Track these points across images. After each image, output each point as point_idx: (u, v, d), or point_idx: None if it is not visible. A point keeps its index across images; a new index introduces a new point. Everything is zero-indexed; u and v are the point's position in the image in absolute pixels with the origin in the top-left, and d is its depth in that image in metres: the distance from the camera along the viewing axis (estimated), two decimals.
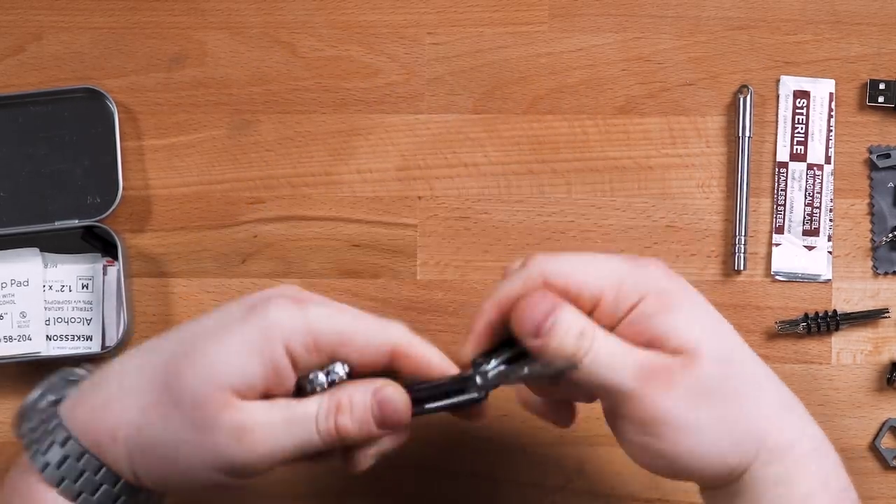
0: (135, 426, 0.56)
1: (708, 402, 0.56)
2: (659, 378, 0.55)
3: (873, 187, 0.73)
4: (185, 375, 0.55)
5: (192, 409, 0.55)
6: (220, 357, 0.55)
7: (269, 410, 0.55)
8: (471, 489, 0.72)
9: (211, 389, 0.54)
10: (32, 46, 0.73)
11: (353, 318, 0.57)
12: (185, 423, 0.55)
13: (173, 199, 0.73)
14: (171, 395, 0.55)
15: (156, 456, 0.56)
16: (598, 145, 0.73)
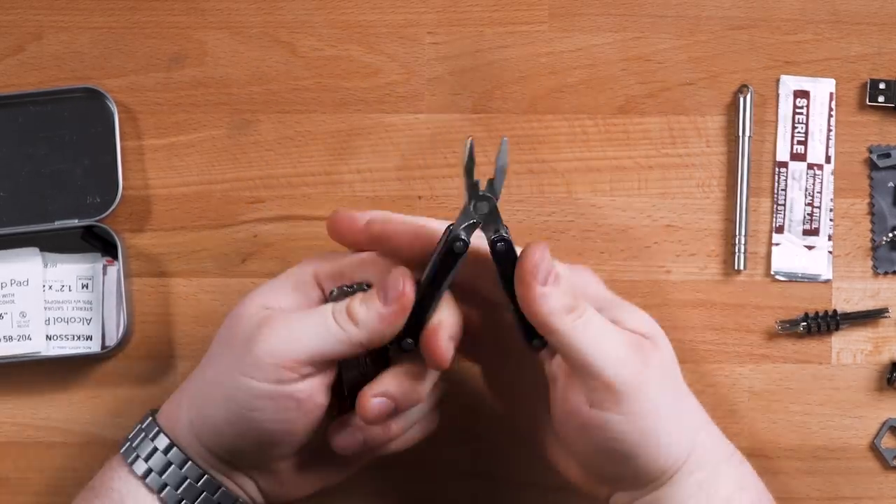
0: (190, 384, 0.61)
1: (666, 389, 0.58)
2: (639, 351, 0.57)
3: (873, 187, 0.73)
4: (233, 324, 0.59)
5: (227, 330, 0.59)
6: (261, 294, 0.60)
7: (288, 311, 0.59)
8: (471, 489, 0.72)
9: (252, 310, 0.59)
10: (32, 46, 0.73)
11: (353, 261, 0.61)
12: (221, 348, 0.59)
13: (173, 198, 0.73)
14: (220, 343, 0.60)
15: (200, 390, 0.60)
16: (598, 145, 0.73)
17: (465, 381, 0.72)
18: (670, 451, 0.58)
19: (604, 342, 0.57)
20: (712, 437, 0.60)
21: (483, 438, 0.72)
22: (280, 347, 0.57)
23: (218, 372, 0.59)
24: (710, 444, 0.60)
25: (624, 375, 0.56)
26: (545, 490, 0.72)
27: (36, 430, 0.72)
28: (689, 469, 0.58)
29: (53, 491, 0.72)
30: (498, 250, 0.58)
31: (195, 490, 0.60)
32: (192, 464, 0.60)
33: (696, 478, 0.58)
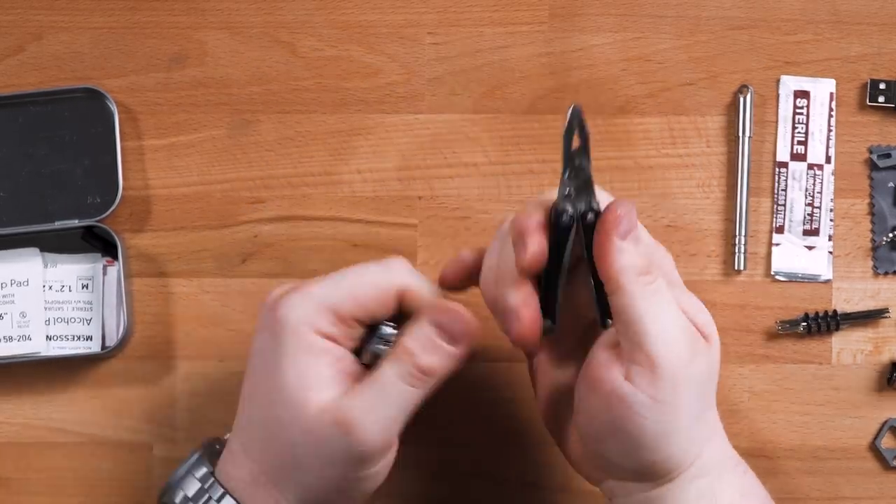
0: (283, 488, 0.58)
1: (701, 391, 0.57)
2: (693, 344, 0.56)
3: (873, 187, 0.73)
4: (280, 415, 0.57)
5: (301, 434, 0.57)
6: (286, 380, 0.57)
7: (358, 393, 0.57)
8: (471, 489, 0.72)
9: (306, 412, 0.57)
10: (32, 46, 0.73)
11: (354, 276, 0.59)
12: (304, 450, 0.57)
13: (173, 199, 0.73)
14: (282, 437, 0.58)
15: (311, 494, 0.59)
16: (598, 145, 0.73)
17: (465, 381, 0.72)
18: (679, 453, 0.57)
19: (665, 319, 0.55)
20: (720, 447, 0.60)
21: (483, 438, 0.72)
22: (380, 437, 0.58)
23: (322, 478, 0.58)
24: (717, 453, 0.59)
25: (670, 360, 0.55)
26: (545, 490, 0.72)
27: (36, 430, 0.72)
28: (691, 475, 0.58)
29: (53, 491, 0.72)
30: (588, 222, 0.56)
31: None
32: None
33: (697, 486, 0.58)
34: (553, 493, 0.72)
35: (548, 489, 0.72)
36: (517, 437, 0.72)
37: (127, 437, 0.72)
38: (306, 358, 0.57)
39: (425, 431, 0.72)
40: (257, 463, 0.59)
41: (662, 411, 0.55)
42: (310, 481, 0.58)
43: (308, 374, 0.57)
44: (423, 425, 0.71)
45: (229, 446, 0.61)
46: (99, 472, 0.72)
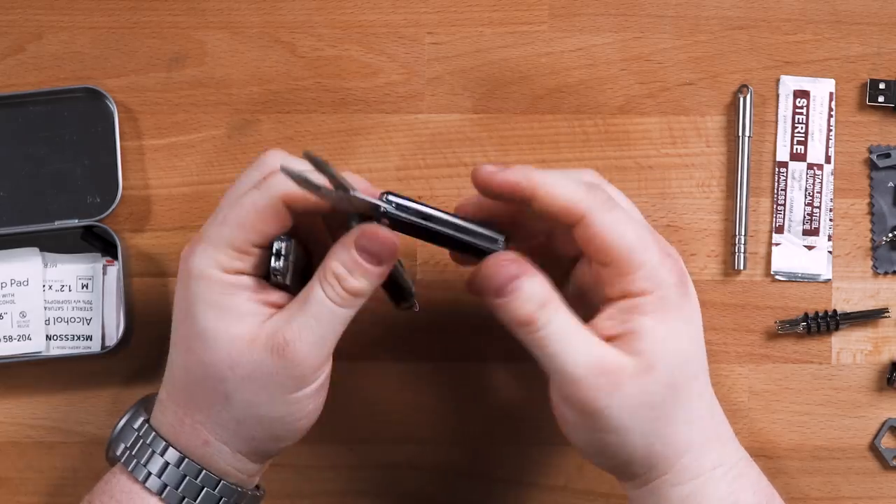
0: (210, 425, 0.60)
1: (643, 414, 0.57)
2: (607, 376, 0.57)
3: (873, 187, 0.73)
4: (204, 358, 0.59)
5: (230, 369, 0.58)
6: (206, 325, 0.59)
7: (281, 316, 0.58)
8: (471, 489, 0.72)
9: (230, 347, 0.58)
10: (32, 46, 0.73)
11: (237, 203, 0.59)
12: (238, 386, 0.58)
13: (173, 198, 0.73)
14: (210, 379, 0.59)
15: (241, 428, 0.59)
16: (598, 145, 0.73)
17: (465, 381, 0.72)
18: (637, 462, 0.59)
19: (563, 356, 0.57)
20: (707, 456, 0.59)
21: (483, 438, 0.72)
22: (314, 356, 0.58)
23: (253, 404, 0.59)
24: (702, 462, 0.59)
25: (576, 397, 0.57)
26: (545, 490, 0.72)
27: (36, 430, 0.72)
28: (667, 482, 0.59)
29: (53, 491, 0.72)
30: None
31: (214, 497, 0.61)
32: (207, 472, 0.60)
33: (678, 492, 0.59)
34: (553, 493, 0.72)
35: (548, 489, 0.72)
36: (517, 437, 0.72)
37: None
38: (220, 297, 0.58)
39: (425, 431, 0.72)
40: (183, 407, 0.60)
41: (594, 430, 0.58)
42: (240, 416, 0.59)
43: (226, 312, 0.58)
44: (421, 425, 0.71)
45: (159, 397, 0.62)
46: (98, 472, 0.72)
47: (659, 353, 0.57)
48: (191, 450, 0.60)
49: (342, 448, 0.72)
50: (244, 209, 0.59)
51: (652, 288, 0.58)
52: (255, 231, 0.59)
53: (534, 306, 0.57)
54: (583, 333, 0.57)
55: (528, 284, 0.57)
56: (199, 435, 0.60)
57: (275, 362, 0.58)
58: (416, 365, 0.72)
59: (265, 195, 0.59)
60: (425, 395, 0.72)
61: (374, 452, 0.72)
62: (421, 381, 0.72)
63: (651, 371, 0.57)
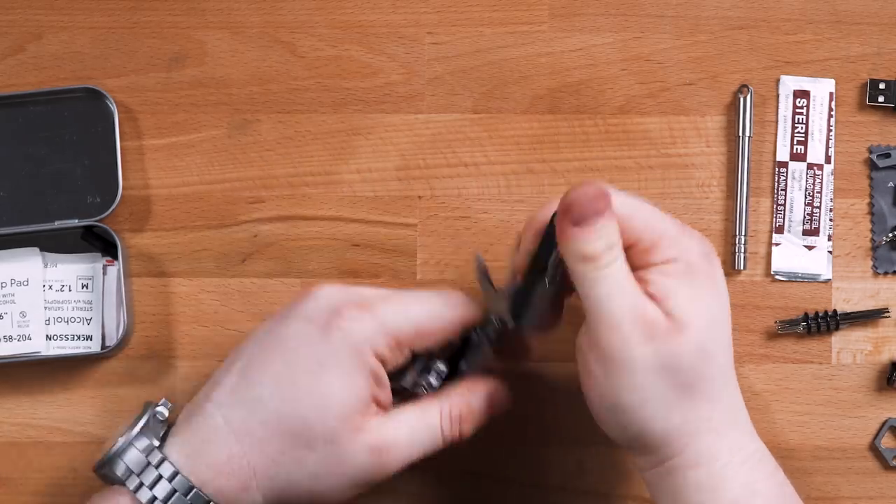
0: (267, 476, 0.60)
1: (667, 377, 0.58)
2: (645, 327, 0.57)
3: (873, 187, 0.73)
4: (309, 418, 0.59)
5: (325, 445, 0.59)
6: (331, 390, 0.59)
7: (398, 427, 0.60)
8: (471, 489, 0.72)
9: (338, 423, 0.59)
10: (32, 46, 0.73)
11: (420, 306, 0.61)
12: (323, 460, 0.59)
13: (173, 198, 0.73)
14: (301, 440, 0.59)
15: (295, 495, 0.60)
16: (598, 145, 0.73)
17: None
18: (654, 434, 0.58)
19: (609, 304, 0.57)
20: (725, 441, 0.59)
21: (483, 438, 0.72)
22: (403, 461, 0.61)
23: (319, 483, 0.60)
24: (720, 447, 0.59)
25: (611, 342, 0.57)
26: (545, 490, 0.72)
27: (36, 430, 0.72)
28: (683, 465, 0.58)
29: (53, 491, 0.72)
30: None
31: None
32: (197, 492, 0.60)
33: (694, 477, 0.58)
34: (553, 493, 0.72)
35: (548, 489, 0.72)
36: (517, 437, 0.72)
37: None
38: (358, 377, 0.59)
39: None
40: (243, 443, 0.60)
41: (615, 387, 0.58)
42: (298, 483, 0.60)
43: (355, 392, 0.59)
44: None
45: (208, 417, 0.61)
46: None
47: (689, 313, 0.58)
48: (225, 493, 0.60)
49: None
50: (430, 315, 0.61)
51: (676, 255, 0.59)
52: (425, 339, 0.61)
53: (604, 245, 0.57)
54: (633, 284, 0.58)
55: (608, 223, 0.58)
56: (245, 480, 0.60)
57: (372, 462, 0.60)
58: None
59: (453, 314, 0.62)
60: None
61: None
62: None
63: (682, 330, 0.57)
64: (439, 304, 0.61)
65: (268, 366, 0.61)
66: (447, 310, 0.61)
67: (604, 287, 0.57)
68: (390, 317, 0.60)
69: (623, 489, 0.72)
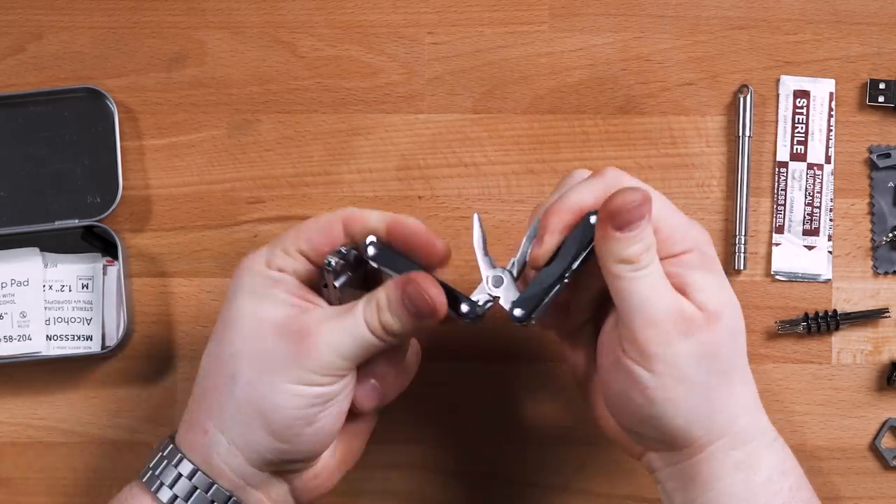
0: (214, 409, 0.60)
1: (707, 365, 0.58)
2: (682, 323, 0.58)
3: (873, 187, 0.73)
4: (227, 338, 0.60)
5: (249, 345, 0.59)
6: (240, 308, 0.60)
7: (317, 313, 0.59)
8: (471, 489, 0.72)
9: (254, 328, 0.59)
10: (32, 46, 0.73)
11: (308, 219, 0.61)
12: (248, 366, 0.59)
13: (173, 198, 0.73)
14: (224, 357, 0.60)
15: (240, 413, 0.59)
16: (598, 145, 0.73)
17: (466, 381, 0.72)
18: (699, 423, 0.59)
19: (648, 303, 0.58)
20: (757, 422, 0.60)
21: (483, 438, 0.72)
22: (329, 355, 0.59)
23: (256, 386, 0.59)
24: (753, 427, 0.60)
25: (653, 339, 0.57)
26: (545, 490, 0.72)
27: (36, 430, 0.72)
28: (724, 446, 0.59)
29: (53, 491, 0.72)
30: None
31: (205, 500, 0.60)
32: (218, 487, 0.60)
33: (733, 457, 0.59)
34: (553, 493, 0.72)
35: (548, 489, 0.72)
36: (517, 437, 0.72)
37: (127, 437, 0.72)
38: (259, 287, 0.60)
39: (425, 431, 0.72)
40: (196, 398, 0.61)
41: (663, 383, 0.58)
42: (241, 397, 0.59)
43: (261, 299, 0.59)
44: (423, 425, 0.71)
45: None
46: (99, 472, 0.72)
47: (719, 302, 0.59)
48: (192, 444, 0.60)
49: None
50: (303, 223, 0.61)
51: (691, 245, 0.60)
52: (307, 239, 0.60)
53: (643, 248, 0.58)
54: (667, 282, 0.59)
55: (647, 226, 0.58)
56: (200, 422, 0.60)
57: (291, 348, 0.58)
58: None
59: (327, 214, 0.61)
60: (426, 396, 0.72)
61: (375, 453, 0.72)
62: (421, 382, 0.72)
63: (717, 320, 0.58)
64: (326, 213, 0.61)
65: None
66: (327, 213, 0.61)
67: (643, 287, 0.58)
68: (279, 235, 0.61)
69: (623, 489, 0.72)
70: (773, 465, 0.60)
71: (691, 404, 0.58)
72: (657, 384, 0.58)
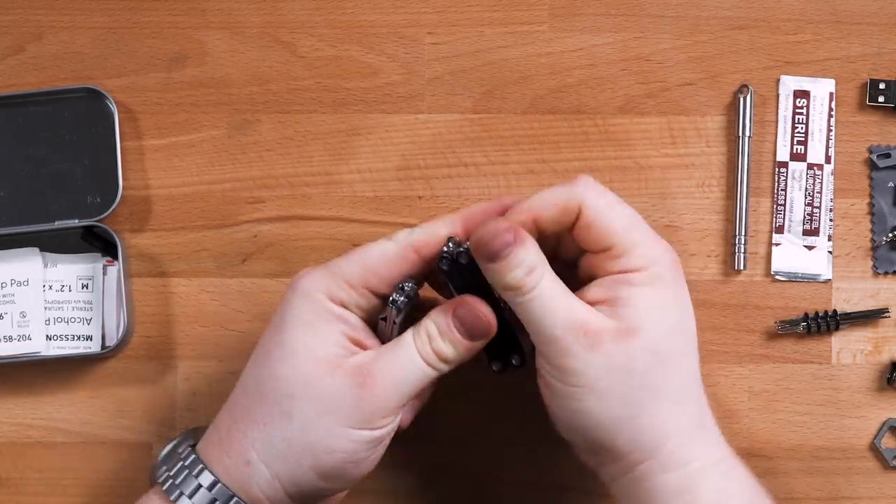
0: (260, 441, 0.59)
1: (621, 379, 0.58)
2: (587, 336, 0.58)
3: (873, 187, 0.73)
4: (280, 370, 0.59)
5: (304, 389, 0.58)
6: (295, 338, 0.59)
7: (375, 354, 0.59)
8: (471, 489, 0.72)
9: (310, 366, 0.58)
10: (32, 46, 0.73)
11: (367, 249, 0.61)
12: (305, 405, 0.58)
13: (173, 198, 0.73)
14: (279, 393, 0.59)
15: (291, 451, 0.59)
16: (598, 145, 0.73)
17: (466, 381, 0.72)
18: (622, 437, 0.58)
19: (546, 322, 0.58)
20: (695, 444, 0.60)
21: (483, 438, 0.72)
22: (391, 396, 0.59)
23: (313, 429, 0.59)
24: (689, 450, 0.59)
25: (557, 355, 0.58)
26: (545, 490, 0.72)
27: (36, 430, 0.72)
28: (656, 468, 0.59)
29: (53, 491, 0.72)
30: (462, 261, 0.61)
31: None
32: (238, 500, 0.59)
33: (669, 481, 0.58)
34: (553, 492, 0.72)
35: (548, 489, 0.72)
36: (517, 437, 0.72)
37: (127, 437, 0.72)
38: (316, 319, 0.59)
39: (425, 431, 0.72)
40: (238, 419, 0.60)
41: (576, 393, 0.58)
42: (294, 438, 0.58)
43: (317, 333, 0.59)
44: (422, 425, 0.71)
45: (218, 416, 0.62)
46: (99, 472, 0.72)
47: (644, 319, 0.59)
48: (230, 469, 0.59)
49: None
50: (370, 250, 0.61)
51: (645, 265, 0.60)
52: (375, 272, 0.60)
53: (522, 273, 0.58)
54: (566, 297, 0.59)
55: (521, 251, 0.58)
56: (243, 451, 0.59)
57: (353, 392, 0.58)
58: None
59: (394, 241, 0.61)
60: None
61: None
62: None
63: (633, 335, 0.58)
64: (383, 241, 0.61)
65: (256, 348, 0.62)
66: (389, 243, 0.61)
67: (535, 309, 0.58)
68: (334, 263, 0.61)
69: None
70: (716, 488, 0.59)
71: (610, 416, 0.58)
72: (571, 394, 0.58)
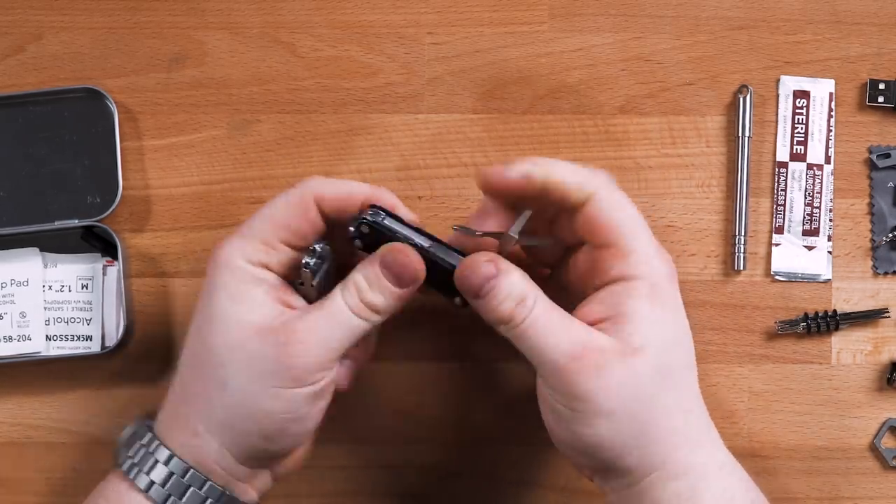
0: (204, 413, 0.59)
1: (631, 399, 0.57)
2: (591, 359, 0.57)
3: (873, 187, 0.73)
4: (210, 339, 0.59)
5: (232, 352, 0.58)
6: (220, 307, 0.59)
7: (300, 312, 0.59)
8: (471, 489, 0.72)
9: (238, 331, 0.58)
10: (32, 46, 0.73)
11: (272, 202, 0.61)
12: (238, 370, 0.58)
13: (173, 198, 0.73)
14: (211, 361, 0.59)
15: (231, 418, 0.59)
16: (598, 145, 0.73)
17: (466, 381, 0.72)
18: (631, 454, 0.58)
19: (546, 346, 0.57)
20: (701, 451, 0.60)
21: (483, 438, 0.72)
22: (317, 352, 0.59)
23: (247, 393, 0.59)
24: (695, 458, 0.59)
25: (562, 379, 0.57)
26: (545, 490, 0.72)
27: (36, 430, 0.72)
28: (663, 478, 0.58)
29: (53, 491, 0.72)
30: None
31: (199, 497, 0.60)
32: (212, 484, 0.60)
33: (673, 488, 0.58)
34: (553, 493, 0.72)
35: (548, 489, 0.72)
36: (517, 437, 0.72)
37: None
38: (239, 285, 0.59)
39: (425, 431, 0.72)
40: (181, 396, 0.61)
41: (584, 419, 0.57)
42: (232, 404, 0.59)
43: (242, 300, 0.59)
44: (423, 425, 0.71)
45: (166, 398, 0.62)
46: (99, 473, 0.72)
47: (646, 335, 0.58)
48: (182, 443, 0.60)
49: (342, 448, 0.72)
50: (276, 205, 0.60)
51: (646, 273, 0.59)
52: (284, 226, 0.60)
53: (512, 303, 0.58)
54: (563, 321, 0.58)
55: (506, 282, 0.58)
56: (189, 425, 0.60)
57: (275, 353, 0.58)
58: (416, 365, 0.72)
59: (297, 192, 0.60)
60: (425, 395, 0.72)
61: (374, 452, 0.72)
62: (421, 382, 0.72)
63: (638, 353, 0.57)
64: (289, 190, 0.61)
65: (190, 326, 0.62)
66: (295, 191, 0.60)
67: (531, 338, 0.58)
68: (245, 225, 0.61)
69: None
70: (717, 493, 0.59)
71: (619, 436, 0.58)
72: (578, 419, 0.57)
